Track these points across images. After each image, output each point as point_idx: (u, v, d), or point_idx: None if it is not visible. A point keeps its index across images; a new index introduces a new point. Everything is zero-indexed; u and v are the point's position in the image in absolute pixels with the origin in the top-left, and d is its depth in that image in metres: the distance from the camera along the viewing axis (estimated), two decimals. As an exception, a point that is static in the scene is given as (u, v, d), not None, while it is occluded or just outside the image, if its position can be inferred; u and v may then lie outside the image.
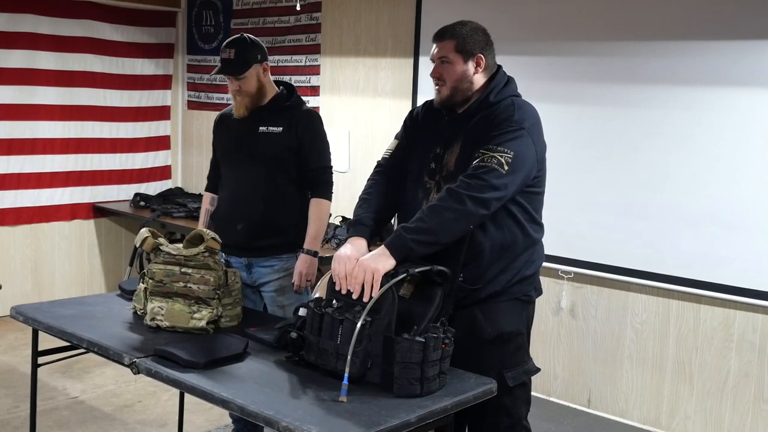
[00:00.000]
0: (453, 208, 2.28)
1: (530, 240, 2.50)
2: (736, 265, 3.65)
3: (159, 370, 2.29)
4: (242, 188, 3.22)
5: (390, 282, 2.19)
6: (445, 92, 2.48)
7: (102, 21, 5.79)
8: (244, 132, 3.20)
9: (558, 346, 4.31)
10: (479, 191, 2.29)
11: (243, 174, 3.22)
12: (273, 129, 3.16)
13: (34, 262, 5.66)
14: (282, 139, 3.15)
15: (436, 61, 2.49)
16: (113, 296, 3.07)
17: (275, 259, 3.20)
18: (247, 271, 3.21)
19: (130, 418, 3.96)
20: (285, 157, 3.16)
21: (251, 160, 3.18)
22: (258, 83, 3.15)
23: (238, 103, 3.18)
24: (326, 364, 2.21)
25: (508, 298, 2.49)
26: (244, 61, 3.10)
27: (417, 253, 2.28)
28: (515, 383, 2.48)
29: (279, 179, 3.18)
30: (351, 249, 2.35)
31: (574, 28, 4.09)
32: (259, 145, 3.16)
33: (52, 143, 5.62)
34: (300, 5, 5.20)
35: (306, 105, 3.29)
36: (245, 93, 3.14)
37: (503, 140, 2.35)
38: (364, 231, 2.46)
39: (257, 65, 3.13)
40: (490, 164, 2.31)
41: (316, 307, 2.26)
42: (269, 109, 3.19)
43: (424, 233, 2.28)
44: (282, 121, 3.16)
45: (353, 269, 2.25)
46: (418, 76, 4.75)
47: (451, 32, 2.47)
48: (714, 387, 3.79)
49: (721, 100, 3.66)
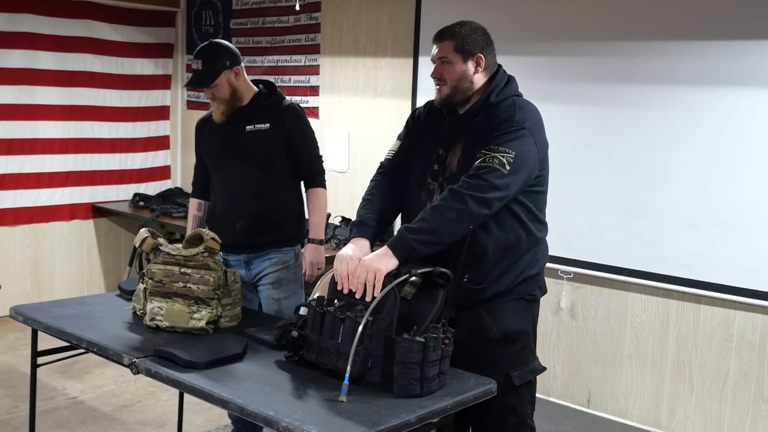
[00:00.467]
0: (455, 208, 2.29)
1: (534, 239, 2.50)
2: (736, 265, 3.65)
3: (158, 370, 2.29)
4: (236, 189, 3.22)
5: (393, 282, 2.20)
6: (445, 92, 2.48)
7: (102, 21, 5.79)
8: (229, 134, 3.20)
9: (558, 346, 4.31)
10: (481, 191, 2.29)
11: (235, 175, 3.22)
12: (260, 126, 3.17)
13: (34, 262, 5.66)
14: (270, 135, 3.17)
15: (437, 62, 2.50)
16: (113, 296, 3.08)
17: (274, 252, 3.22)
18: (246, 267, 3.22)
19: (129, 418, 3.96)
20: (276, 152, 3.18)
21: (242, 159, 3.19)
22: (230, 89, 3.15)
23: (215, 109, 3.20)
24: (327, 363, 2.21)
25: (513, 297, 2.49)
26: (212, 71, 3.10)
27: (419, 253, 2.29)
28: (522, 382, 2.49)
29: (272, 175, 3.20)
30: (354, 249, 2.36)
31: (574, 28, 4.09)
32: (248, 144, 3.17)
33: (52, 143, 5.62)
34: (299, 5, 5.19)
35: (287, 99, 3.30)
36: (219, 100, 3.15)
37: (505, 140, 2.35)
38: (367, 231, 2.47)
39: (227, 71, 3.12)
40: (491, 164, 2.31)
41: (317, 305, 2.26)
42: (251, 108, 3.20)
43: (427, 233, 2.28)
44: (267, 118, 3.18)
45: (356, 269, 2.26)
46: (418, 76, 4.75)
47: (450, 33, 2.48)
48: (714, 387, 3.79)
49: (721, 100, 3.66)
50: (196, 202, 3.43)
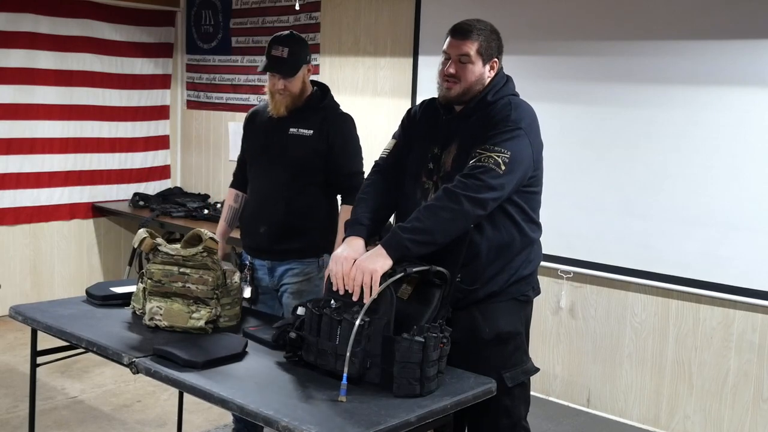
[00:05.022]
0: (449, 207, 2.28)
1: (527, 240, 2.49)
2: (736, 265, 3.65)
3: (158, 369, 2.29)
4: (265, 191, 3.15)
5: (388, 281, 2.19)
6: (457, 90, 2.45)
7: (101, 20, 5.79)
8: (274, 132, 3.12)
9: (557, 346, 4.31)
10: (476, 191, 2.28)
11: (267, 176, 3.15)
12: (303, 131, 3.08)
13: (33, 261, 5.66)
14: (311, 142, 3.07)
15: (454, 58, 2.45)
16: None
17: (296, 262, 3.12)
18: (269, 274, 3.16)
19: (129, 418, 3.96)
20: (312, 161, 3.08)
21: (278, 161, 3.10)
22: (302, 85, 3.08)
23: (277, 101, 3.07)
24: (325, 364, 2.21)
25: (506, 298, 2.48)
26: (296, 62, 3.03)
27: (413, 252, 2.28)
28: (514, 383, 2.47)
29: (304, 183, 3.09)
30: (348, 249, 2.34)
31: (574, 27, 4.09)
32: (287, 146, 3.09)
33: (51, 143, 5.62)
34: (299, 5, 5.19)
35: (340, 108, 3.20)
36: (288, 93, 3.05)
37: (500, 140, 2.34)
38: (361, 231, 2.44)
39: (305, 66, 3.08)
40: (487, 164, 2.30)
41: (314, 307, 2.26)
42: (302, 110, 3.10)
43: (421, 233, 2.27)
44: (313, 124, 3.08)
45: (351, 271, 2.24)
46: (418, 75, 4.75)
47: (477, 32, 2.44)
48: (713, 387, 3.79)
49: (721, 100, 3.65)
50: (233, 193, 3.35)
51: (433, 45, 4.63)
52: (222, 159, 6.07)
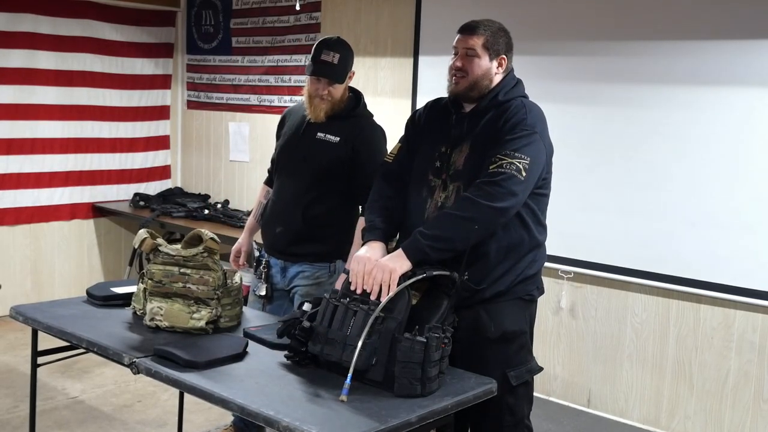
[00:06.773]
0: (471, 217, 2.30)
1: (535, 242, 2.51)
2: (736, 265, 3.65)
3: (159, 369, 2.29)
4: (285, 193, 3.16)
5: (407, 282, 2.22)
6: (464, 84, 2.48)
7: (101, 20, 5.79)
8: (302, 134, 3.13)
9: (558, 346, 4.31)
10: (501, 200, 2.30)
11: (289, 178, 3.15)
12: (330, 138, 3.07)
13: (34, 261, 5.66)
14: (336, 150, 3.06)
15: (461, 52, 2.49)
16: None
17: (308, 265, 3.13)
18: (282, 274, 3.18)
19: (129, 418, 3.96)
20: (335, 168, 3.06)
21: (302, 165, 3.11)
22: (344, 91, 3.09)
23: (316, 106, 3.05)
24: (331, 354, 2.20)
25: (511, 297, 2.50)
26: (345, 68, 3.04)
27: (432, 258, 2.31)
28: (519, 382, 2.49)
29: (325, 189, 3.09)
30: (370, 251, 2.39)
31: (574, 28, 4.09)
32: (312, 151, 3.08)
33: (52, 143, 5.62)
34: (299, 5, 5.20)
35: (372, 118, 3.19)
36: (330, 99, 3.05)
37: (520, 145, 2.36)
38: (378, 234, 2.48)
39: (350, 72, 3.09)
40: (509, 171, 2.32)
41: (331, 297, 2.28)
42: (332, 117, 3.09)
43: (441, 241, 2.30)
44: (341, 131, 3.07)
45: (372, 269, 2.27)
46: (418, 75, 4.75)
47: (483, 28, 2.49)
48: (714, 387, 3.79)
49: (721, 100, 3.65)
50: (265, 189, 3.37)
51: (433, 45, 4.64)
52: (222, 159, 6.07)
